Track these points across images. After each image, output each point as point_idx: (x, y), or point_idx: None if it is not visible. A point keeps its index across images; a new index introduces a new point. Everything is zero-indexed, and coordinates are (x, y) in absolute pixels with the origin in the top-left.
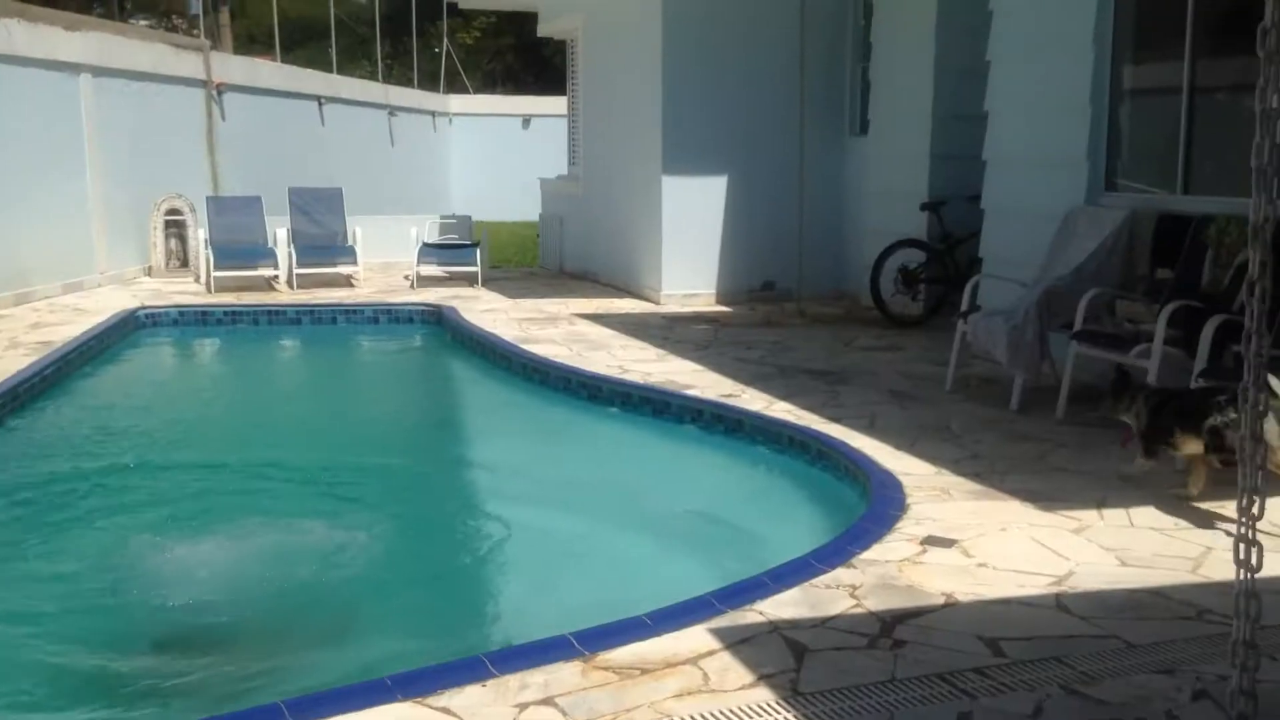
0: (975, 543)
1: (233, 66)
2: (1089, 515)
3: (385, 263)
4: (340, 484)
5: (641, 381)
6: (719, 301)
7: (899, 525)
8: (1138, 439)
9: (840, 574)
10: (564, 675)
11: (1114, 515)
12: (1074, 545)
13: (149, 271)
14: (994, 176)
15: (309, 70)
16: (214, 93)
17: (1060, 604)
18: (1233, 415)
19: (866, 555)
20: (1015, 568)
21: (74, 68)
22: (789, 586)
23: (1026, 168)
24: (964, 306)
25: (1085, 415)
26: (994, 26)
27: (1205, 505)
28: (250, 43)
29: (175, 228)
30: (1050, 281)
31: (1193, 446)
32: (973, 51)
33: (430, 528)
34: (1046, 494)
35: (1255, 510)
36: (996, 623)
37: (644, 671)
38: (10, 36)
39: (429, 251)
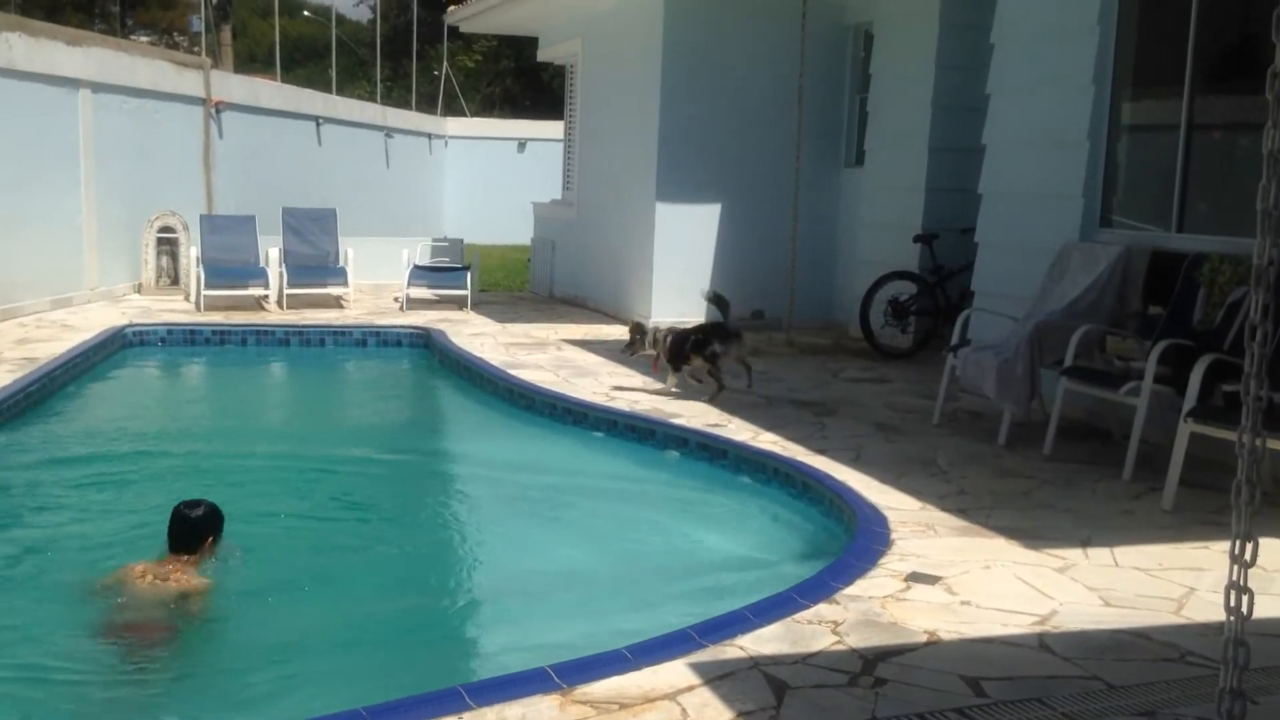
0: (959, 580)
1: (232, 85)
2: (1074, 554)
3: (376, 284)
4: (315, 505)
5: (627, 409)
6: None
7: (883, 561)
8: (666, 362)
9: (823, 609)
10: (542, 709)
11: (1099, 554)
12: (1058, 584)
13: (139, 289)
14: (989, 210)
15: (308, 90)
16: (213, 111)
17: (1043, 643)
18: (719, 347)
19: (850, 591)
20: (999, 606)
21: (74, 83)
22: (770, 621)
23: (1022, 202)
24: (954, 340)
25: (1073, 452)
26: (995, 60)
27: (1189, 546)
28: (251, 61)
29: (167, 245)
30: (1042, 316)
31: (699, 364)
32: (970, 85)
33: (402, 556)
34: (1032, 531)
35: (1248, 556)
36: (979, 662)
37: (622, 706)
38: (10, 50)
39: (420, 274)
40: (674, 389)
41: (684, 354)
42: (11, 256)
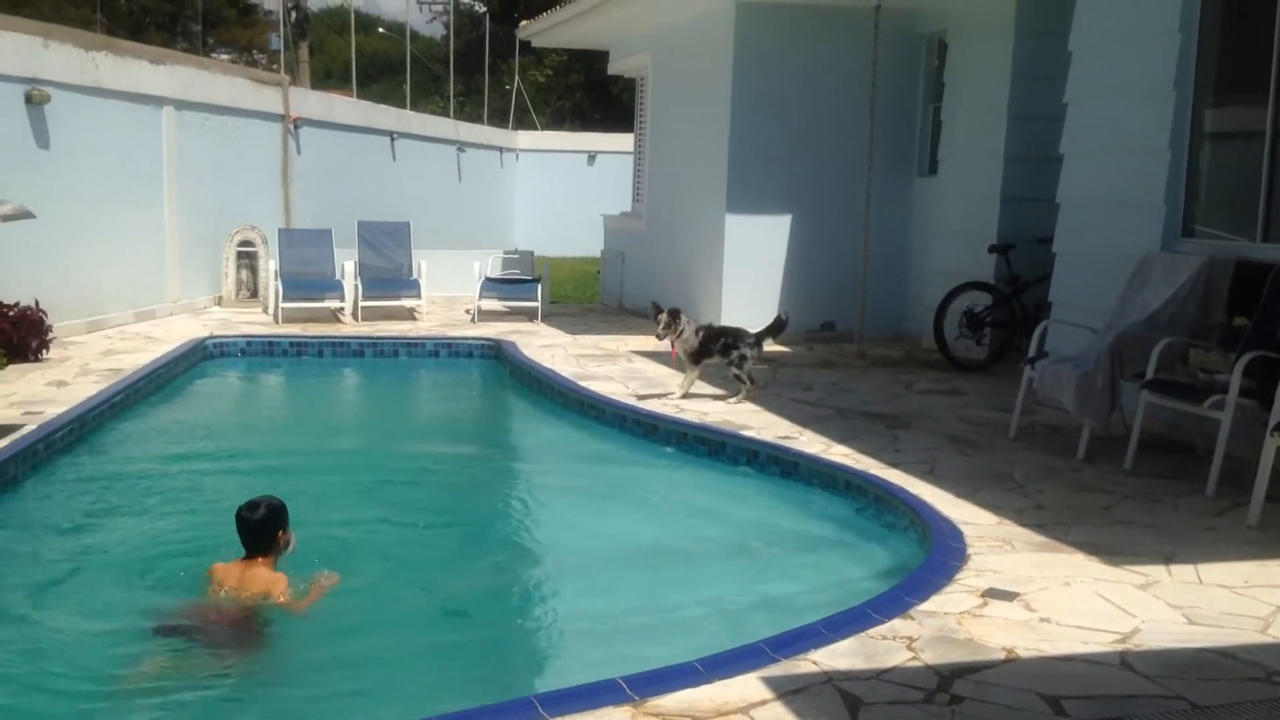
0: (1038, 596)
1: (310, 101)
2: (1156, 570)
3: (448, 296)
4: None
5: (697, 421)
6: (778, 342)
7: (959, 576)
8: (684, 355)
9: (897, 625)
10: None
11: (1182, 571)
12: (1140, 601)
13: (219, 301)
14: (1067, 219)
15: (382, 106)
16: (291, 127)
17: (1125, 662)
18: (747, 352)
19: (925, 606)
20: (1079, 623)
21: (158, 100)
22: (844, 636)
23: (1101, 211)
24: (1031, 352)
25: (1154, 467)
26: (1073, 68)
27: (1276, 563)
28: (327, 78)
29: (247, 259)
30: (1123, 328)
31: (718, 361)
32: (1046, 94)
33: (475, 565)
34: (1112, 547)
35: None
36: (1058, 680)
37: (693, 719)
38: (98, 69)
39: (490, 286)
40: (684, 392)
41: (709, 352)
42: (98, 270)
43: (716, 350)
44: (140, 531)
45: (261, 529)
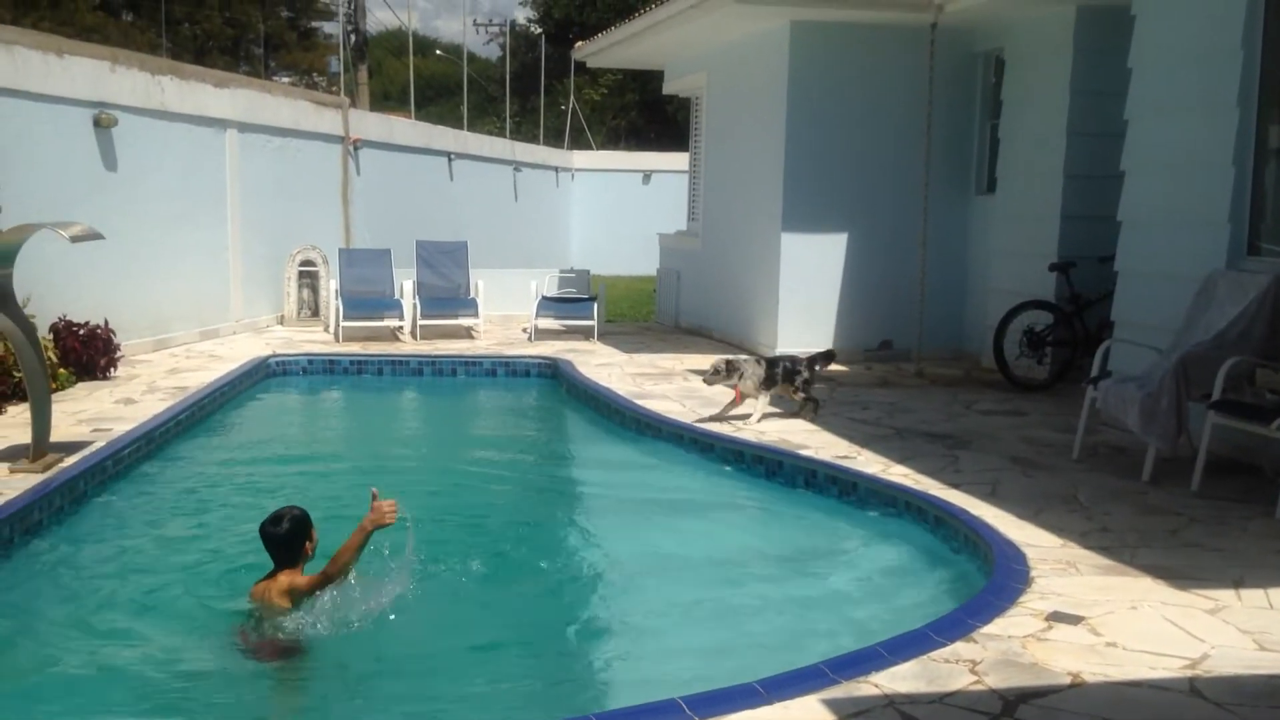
0: (1104, 620)
1: (369, 123)
2: (1225, 595)
3: (505, 315)
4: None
5: (755, 440)
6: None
7: (1022, 599)
8: (755, 390)
9: (960, 648)
10: None
11: (1252, 596)
12: (1209, 626)
13: (282, 320)
14: (1129, 237)
15: (440, 127)
16: (350, 148)
17: (1194, 688)
18: (807, 374)
19: (988, 629)
20: (1146, 648)
21: (221, 123)
22: (905, 659)
23: (1164, 229)
24: (1094, 371)
25: (1222, 489)
26: (1133, 85)
27: None
28: (385, 99)
29: (308, 278)
30: (1188, 348)
31: (786, 390)
32: (1107, 110)
33: (532, 581)
34: (1180, 571)
35: None
36: (1125, 706)
37: None
38: (163, 92)
39: (547, 305)
40: (760, 414)
41: (774, 380)
42: (165, 290)
43: (780, 376)
44: (203, 547)
45: (287, 541)
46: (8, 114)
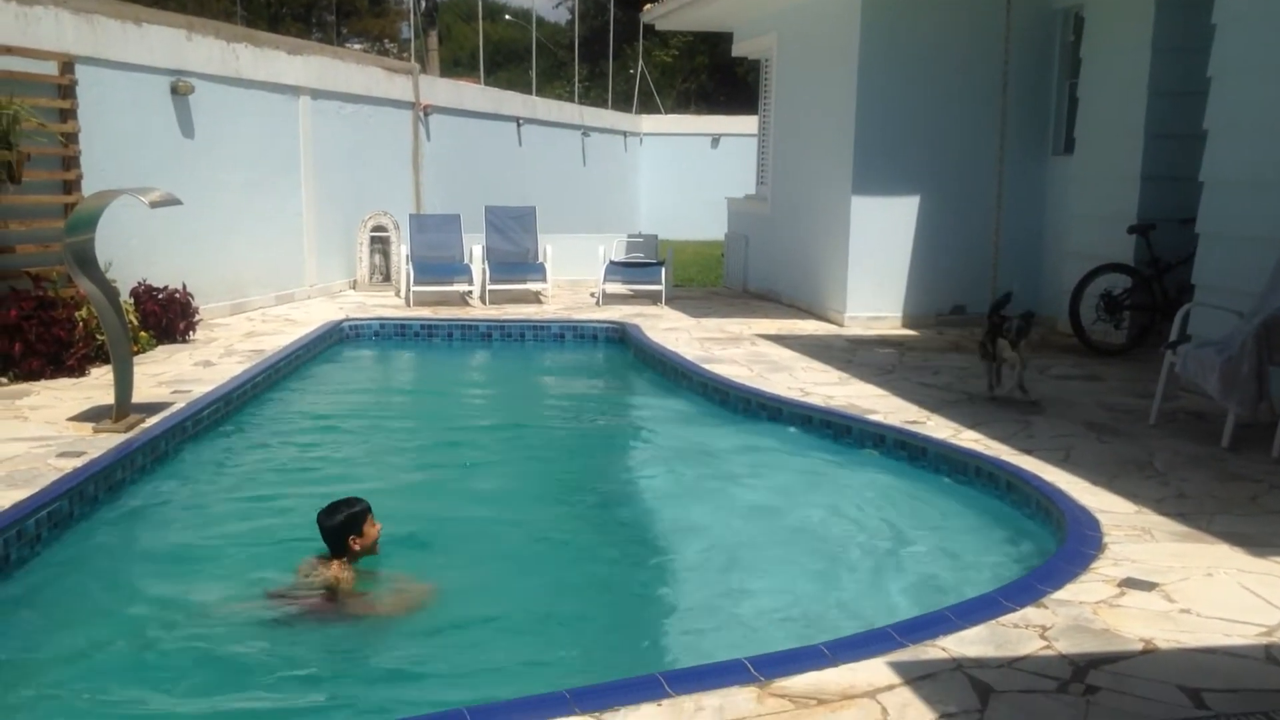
0: (1178, 587)
1: (439, 89)
2: None
3: (573, 280)
4: (524, 486)
5: (823, 405)
6: (905, 325)
7: (1095, 565)
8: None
9: (1029, 613)
10: (739, 700)
11: None
12: None
13: (354, 285)
14: (1211, 199)
15: (509, 92)
16: (421, 114)
17: (1270, 656)
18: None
19: (1058, 595)
20: (1221, 615)
21: (295, 90)
22: (974, 623)
23: (1248, 190)
24: (1173, 336)
25: None
26: (1217, 42)
27: None
28: (455, 65)
29: (380, 243)
30: (1270, 312)
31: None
32: (1189, 69)
33: (600, 542)
34: (1259, 538)
35: None
36: (1199, 672)
37: (820, 702)
38: (238, 60)
39: (615, 270)
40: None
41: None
42: (242, 255)
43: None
44: (279, 507)
45: (334, 534)
46: (88, 83)
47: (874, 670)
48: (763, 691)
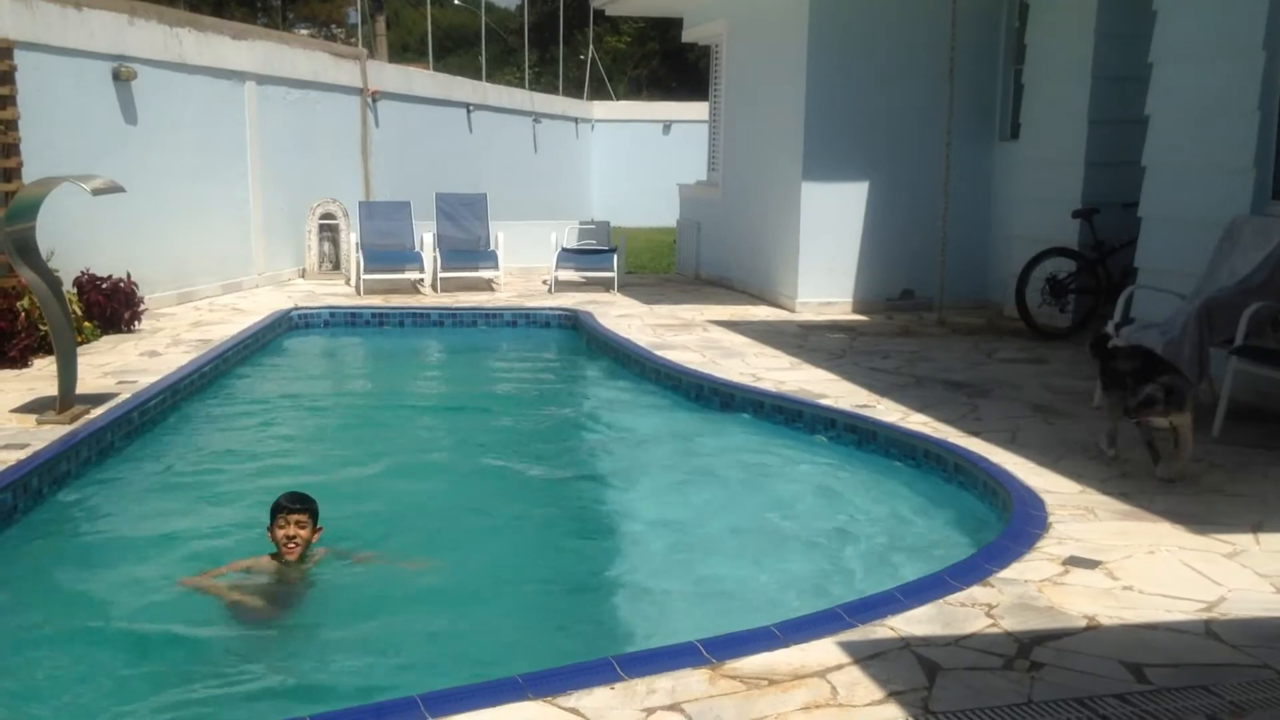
0: (1121, 564)
1: (387, 75)
2: (1244, 539)
3: (525, 267)
4: (474, 478)
5: (774, 390)
6: (856, 310)
7: (1040, 544)
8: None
9: (976, 592)
10: (691, 682)
11: (1271, 540)
12: (1226, 570)
13: (303, 274)
14: (1153, 183)
15: (459, 78)
16: (369, 100)
17: (1210, 631)
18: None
19: (1004, 574)
20: (1163, 591)
21: (240, 75)
22: (922, 603)
23: (1188, 174)
24: (1116, 318)
25: (1243, 435)
26: (1157, 28)
27: None
28: (404, 51)
29: (329, 231)
30: (1211, 293)
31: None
32: (1131, 54)
33: (550, 528)
34: (1199, 516)
35: None
36: (1141, 648)
37: (771, 682)
38: (182, 45)
39: (567, 257)
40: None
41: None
42: (188, 243)
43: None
44: (225, 496)
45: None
46: (28, 68)
47: (824, 650)
48: (714, 673)
